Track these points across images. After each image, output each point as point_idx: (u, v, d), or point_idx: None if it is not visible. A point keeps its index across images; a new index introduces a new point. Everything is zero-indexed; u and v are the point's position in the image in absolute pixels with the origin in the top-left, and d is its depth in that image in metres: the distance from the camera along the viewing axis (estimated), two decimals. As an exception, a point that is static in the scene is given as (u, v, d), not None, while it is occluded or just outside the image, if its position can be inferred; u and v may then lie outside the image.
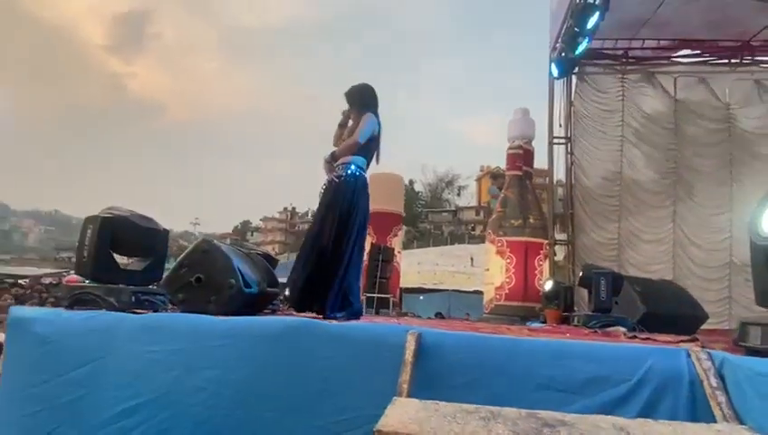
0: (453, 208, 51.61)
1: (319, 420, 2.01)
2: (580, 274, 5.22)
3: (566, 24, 8.05)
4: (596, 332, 3.79)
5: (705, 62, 9.62)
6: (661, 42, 9.43)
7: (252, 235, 58.98)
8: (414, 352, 1.91)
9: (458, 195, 53.33)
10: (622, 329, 3.85)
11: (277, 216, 60.22)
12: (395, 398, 1.64)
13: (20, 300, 6.07)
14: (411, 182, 45.90)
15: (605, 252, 9.24)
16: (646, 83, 9.56)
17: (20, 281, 11.00)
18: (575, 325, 4.83)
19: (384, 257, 10.33)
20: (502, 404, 1.57)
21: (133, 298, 2.54)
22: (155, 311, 2.60)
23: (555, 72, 9.07)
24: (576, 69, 9.38)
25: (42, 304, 6.01)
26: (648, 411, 1.83)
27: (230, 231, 60.60)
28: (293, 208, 60.66)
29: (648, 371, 1.90)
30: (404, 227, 14.73)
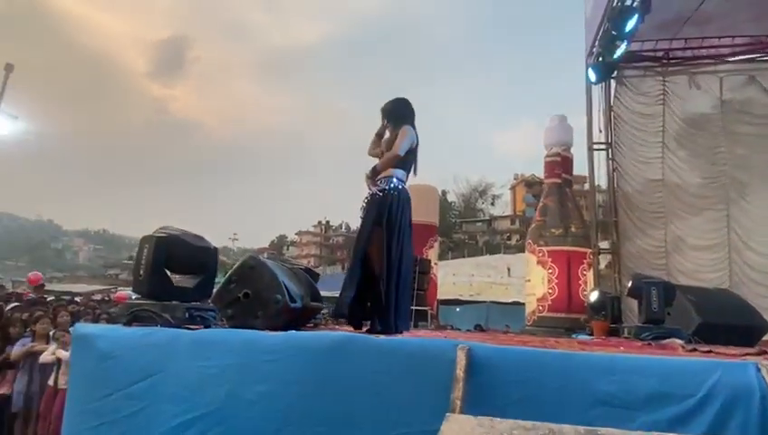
0: (487, 218, 50.82)
1: (370, 435, 2.00)
2: (629, 284, 5.01)
3: (603, 28, 7.88)
4: (650, 344, 3.63)
5: (753, 59, 9.19)
6: (704, 40, 9.08)
7: (288, 249, 59.94)
8: (465, 367, 1.88)
9: (492, 204, 52.50)
10: (678, 341, 3.67)
11: (312, 229, 61.05)
12: (448, 414, 1.62)
13: (76, 317, 6.36)
14: (444, 193, 45.51)
15: (652, 260, 8.88)
16: (688, 84, 9.21)
17: (75, 298, 11.58)
18: (626, 338, 4.63)
19: (421, 269, 10.23)
20: (557, 421, 1.52)
21: (187, 314, 2.63)
22: (207, 326, 2.68)
23: (593, 78, 8.87)
24: (614, 72, 9.14)
25: (96, 320, 6.27)
26: (715, 429, 1.74)
27: (267, 245, 61.84)
28: (327, 222, 61.40)
29: (714, 386, 1.80)
30: (438, 238, 14.62)
